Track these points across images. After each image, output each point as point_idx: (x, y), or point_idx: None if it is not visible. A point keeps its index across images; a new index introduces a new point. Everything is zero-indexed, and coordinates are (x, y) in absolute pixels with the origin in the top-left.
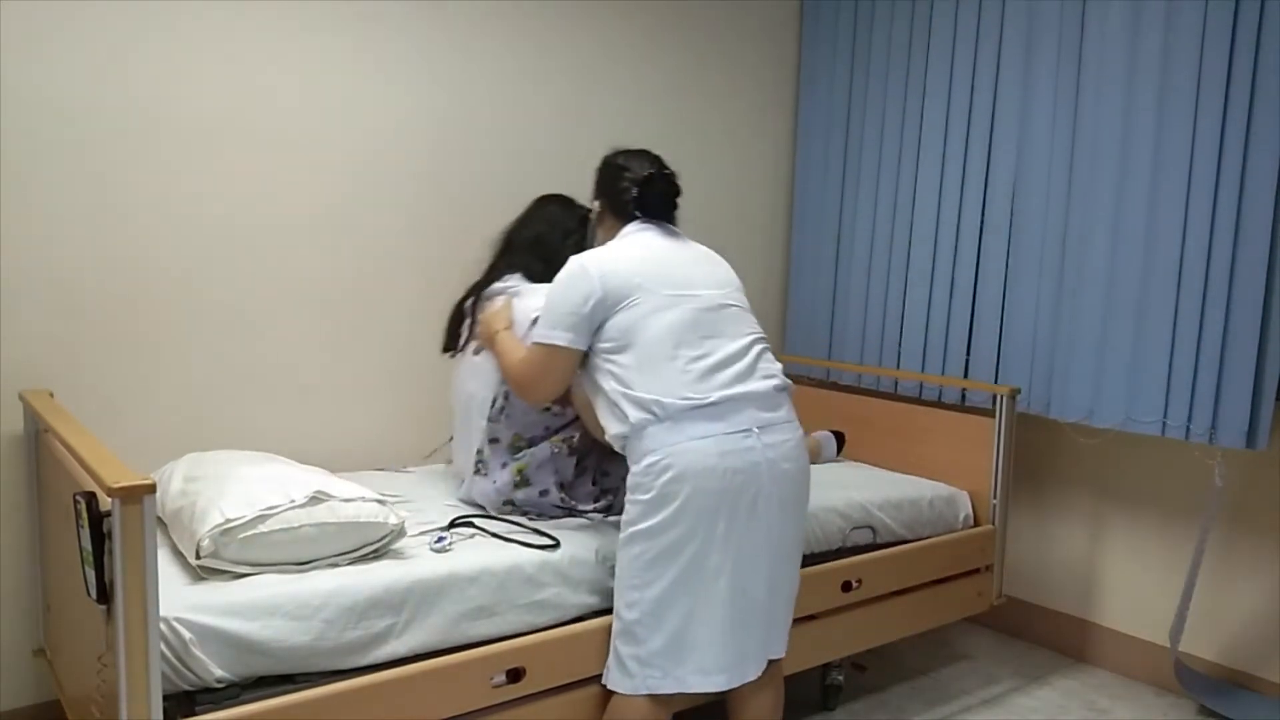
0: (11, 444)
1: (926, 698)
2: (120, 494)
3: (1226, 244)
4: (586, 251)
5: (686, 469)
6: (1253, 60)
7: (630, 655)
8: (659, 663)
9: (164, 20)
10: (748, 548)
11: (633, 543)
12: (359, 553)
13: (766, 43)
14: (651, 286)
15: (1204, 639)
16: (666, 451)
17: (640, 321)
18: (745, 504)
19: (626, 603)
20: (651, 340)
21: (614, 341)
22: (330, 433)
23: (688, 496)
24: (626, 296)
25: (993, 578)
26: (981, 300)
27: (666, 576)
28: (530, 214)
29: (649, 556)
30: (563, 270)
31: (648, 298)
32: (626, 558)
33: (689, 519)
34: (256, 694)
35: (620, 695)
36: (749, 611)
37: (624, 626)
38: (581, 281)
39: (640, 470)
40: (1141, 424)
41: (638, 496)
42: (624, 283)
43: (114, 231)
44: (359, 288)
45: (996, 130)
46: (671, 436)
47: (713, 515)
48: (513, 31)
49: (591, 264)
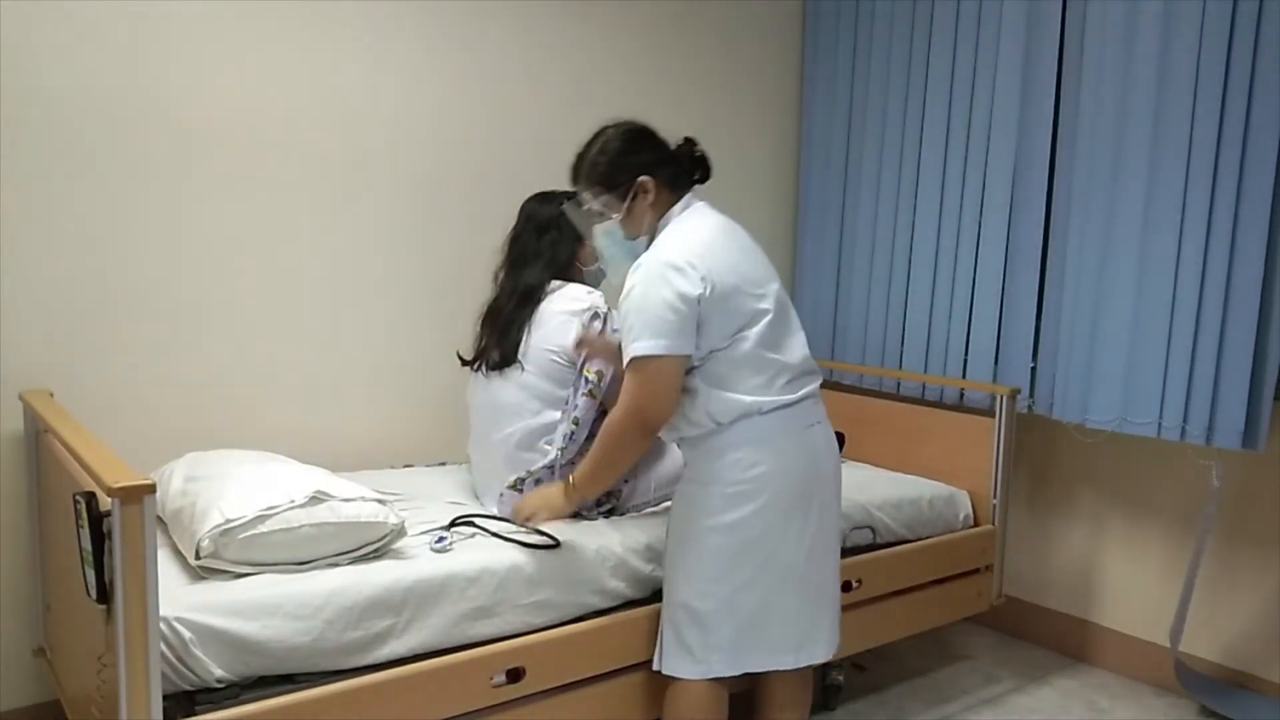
0: (11, 444)
1: (926, 698)
2: (120, 494)
3: (1224, 244)
4: (670, 243)
5: (773, 468)
6: (1251, 58)
7: (698, 642)
8: (727, 649)
9: (164, 21)
10: (817, 538)
11: (711, 535)
12: (359, 552)
13: (769, 43)
14: (745, 287)
15: (1204, 639)
16: (753, 450)
17: (737, 321)
18: (816, 498)
19: (698, 592)
20: (747, 340)
21: (714, 343)
22: (331, 432)
23: (772, 494)
24: (725, 296)
25: (992, 578)
26: (980, 300)
27: (746, 569)
28: (521, 222)
29: (731, 550)
30: (658, 269)
31: (743, 299)
32: (703, 549)
33: (771, 515)
34: (256, 694)
35: (682, 680)
36: (817, 598)
37: (694, 615)
38: (680, 280)
39: (724, 466)
40: (1137, 425)
41: (719, 490)
42: (722, 281)
43: (114, 231)
44: (359, 287)
45: (995, 130)
46: (758, 435)
47: (791, 511)
48: (513, 31)
49: (686, 260)
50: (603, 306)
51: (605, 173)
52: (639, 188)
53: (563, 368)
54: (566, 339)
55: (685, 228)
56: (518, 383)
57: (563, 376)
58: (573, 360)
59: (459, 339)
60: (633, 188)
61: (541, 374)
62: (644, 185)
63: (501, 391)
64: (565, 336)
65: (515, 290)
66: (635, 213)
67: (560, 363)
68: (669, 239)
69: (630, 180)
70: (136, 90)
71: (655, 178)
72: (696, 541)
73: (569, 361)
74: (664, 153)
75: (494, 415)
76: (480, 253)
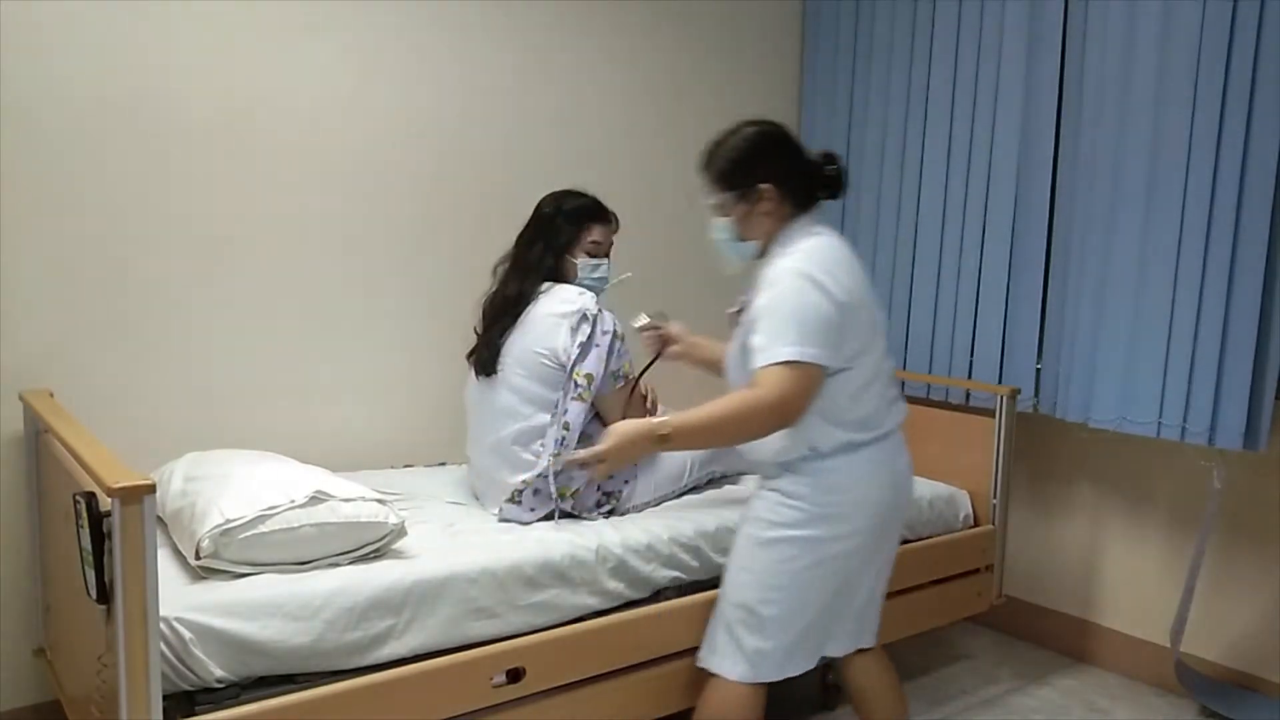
0: (11, 444)
1: (926, 698)
2: (120, 494)
3: (1225, 244)
4: (814, 255)
5: (860, 499)
6: (1252, 58)
7: (755, 648)
8: (779, 657)
9: (165, 20)
10: (884, 560)
11: (784, 545)
12: (359, 552)
13: (769, 42)
14: (869, 316)
15: (1205, 639)
16: (853, 477)
17: (860, 346)
18: (893, 526)
19: (763, 599)
20: (865, 367)
21: (838, 365)
22: (331, 432)
23: (855, 522)
24: (857, 320)
25: (993, 578)
26: (985, 302)
27: (818, 584)
28: (529, 222)
29: (804, 563)
30: (801, 280)
31: (864, 324)
32: (774, 557)
33: (851, 542)
34: (256, 694)
35: (724, 678)
36: (866, 604)
37: (756, 620)
38: (827, 297)
39: (814, 487)
40: (1138, 424)
41: (804, 506)
42: (858, 304)
43: (114, 231)
44: (359, 287)
45: (998, 130)
46: (850, 467)
47: (869, 539)
48: (513, 31)
49: (829, 279)
50: (592, 309)
51: (727, 172)
52: (758, 195)
53: (552, 370)
54: (556, 341)
55: (821, 243)
56: (508, 386)
57: (553, 379)
58: (562, 364)
59: (459, 339)
60: (752, 193)
61: (531, 376)
62: (764, 193)
63: (493, 394)
64: (555, 339)
65: (504, 296)
66: (750, 218)
67: (550, 365)
68: (808, 251)
69: (750, 186)
70: (137, 91)
71: (778, 188)
72: (773, 549)
73: (558, 364)
74: (795, 163)
75: (488, 418)
76: (480, 252)
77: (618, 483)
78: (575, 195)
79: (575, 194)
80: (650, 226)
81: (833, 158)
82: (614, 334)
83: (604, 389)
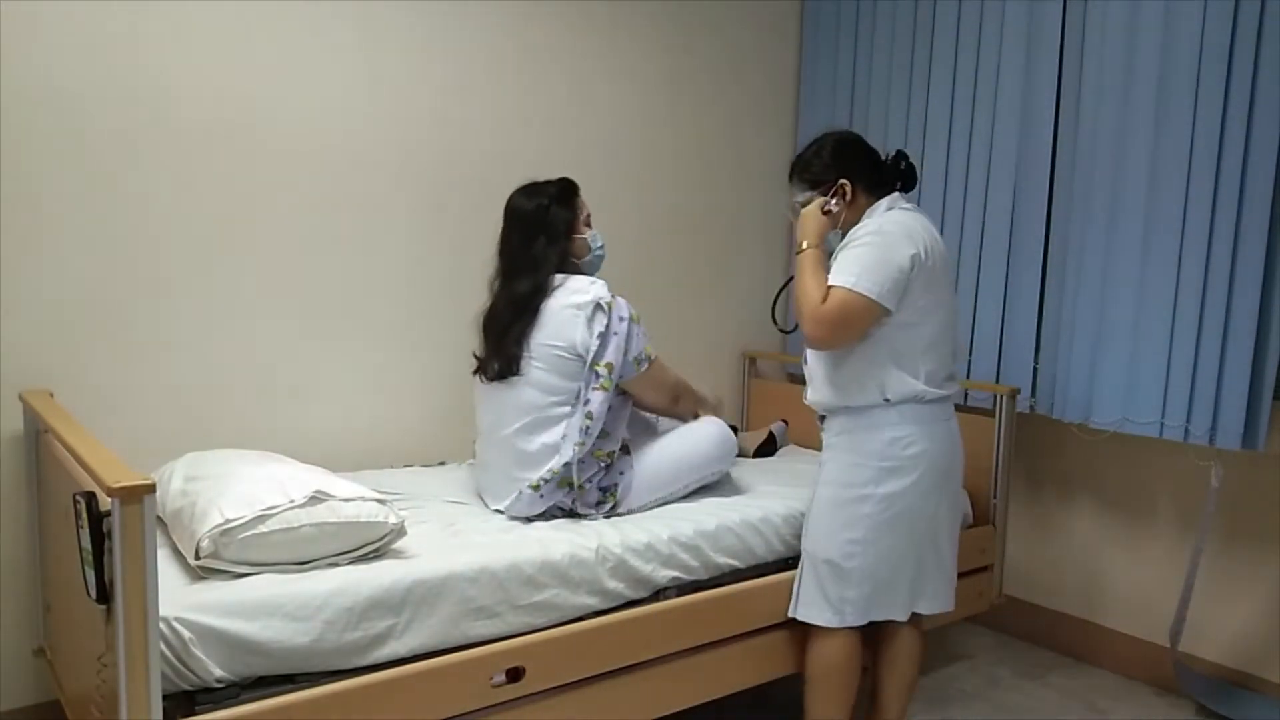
0: (11, 444)
1: (926, 698)
2: (120, 494)
3: (1226, 244)
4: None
5: (926, 449)
6: (1253, 58)
7: (837, 596)
8: (862, 603)
9: (164, 20)
10: (949, 513)
11: (864, 504)
12: (359, 552)
13: (767, 41)
14: (944, 278)
15: (1204, 639)
16: (917, 431)
17: (934, 306)
18: (953, 480)
19: (845, 552)
20: (936, 327)
21: (908, 316)
22: (331, 432)
23: (922, 472)
24: (931, 279)
25: (993, 577)
26: (983, 301)
27: (892, 536)
28: (507, 223)
29: (882, 518)
30: (872, 235)
31: (940, 284)
32: (856, 515)
33: (919, 491)
34: (256, 694)
35: (822, 628)
36: (936, 563)
37: (839, 572)
38: (906, 247)
39: (883, 443)
40: (1139, 425)
41: (876, 464)
42: (934, 264)
43: (114, 231)
44: (359, 287)
45: (997, 130)
46: (917, 418)
47: (934, 489)
48: (511, 30)
49: (910, 234)
50: (606, 297)
51: (815, 172)
52: (839, 188)
53: (570, 362)
54: (574, 334)
55: (900, 214)
56: (528, 380)
57: (571, 371)
58: (580, 356)
59: (459, 339)
60: (834, 187)
61: (550, 369)
62: (844, 187)
63: (507, 395)
64: (572, 331)
65: (511, 301)
66: (848, 208)
67: (567, 357)
68: (885, 218)
69: (832, 180)
70: (137, 91)
71: (855, 181)
72: (850, 507)
73: (575, 356)
74: (870, 160)
75: (501, 415)
76: (480, 253)
77: (614, 476)
78: (543, 183)
79: (541, 183)
80: (651, 224)
81: (902, 154)
82: (629, 319)
83: (628, 373)
